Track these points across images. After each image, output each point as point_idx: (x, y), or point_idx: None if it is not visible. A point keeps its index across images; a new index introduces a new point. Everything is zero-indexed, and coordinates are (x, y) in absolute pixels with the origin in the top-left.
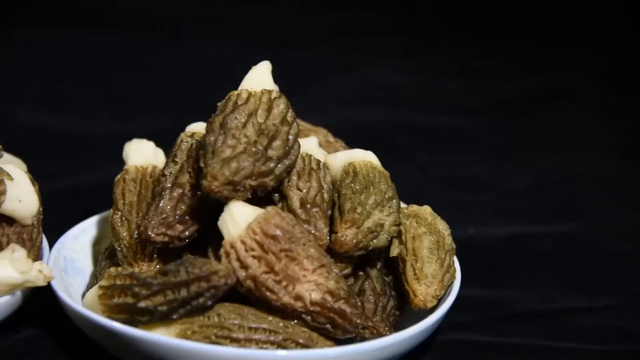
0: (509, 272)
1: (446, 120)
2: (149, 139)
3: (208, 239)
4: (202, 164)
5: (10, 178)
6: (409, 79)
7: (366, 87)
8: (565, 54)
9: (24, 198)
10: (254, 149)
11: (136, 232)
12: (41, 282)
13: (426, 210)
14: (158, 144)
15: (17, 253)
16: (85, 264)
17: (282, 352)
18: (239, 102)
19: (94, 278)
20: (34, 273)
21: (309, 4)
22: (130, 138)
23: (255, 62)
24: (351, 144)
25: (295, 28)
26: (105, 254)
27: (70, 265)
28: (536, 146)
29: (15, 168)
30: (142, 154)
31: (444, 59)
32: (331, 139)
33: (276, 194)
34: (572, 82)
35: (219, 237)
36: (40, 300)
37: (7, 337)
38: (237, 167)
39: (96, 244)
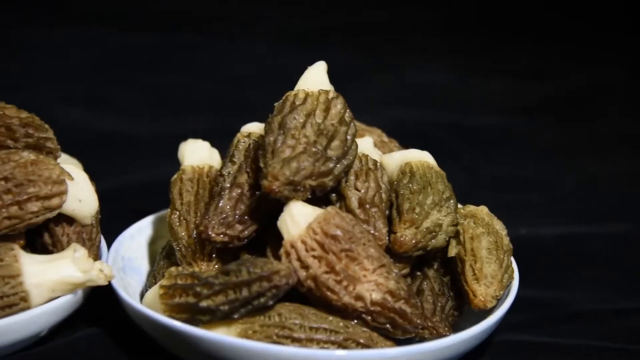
0: (563, 273)
1: (490, 121)
2: (194, 138)
3: (265, 238)
4: (261, 164)
5: (71, 178)
6: (450, 79)
7: (407, 87)
8: (608, 54)
9: (83, 198)
10: (313, 149)
11: (195, 231)
12: (102, 282)
13: (483, 210)
14: None
15: (79, 252)
16: (141, 264)
17: (344, 352)
18: (297, 103)
19: (153, 278)
20: (95, 272)
21: (347, 3)
22: (175, 138)
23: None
24: (405, 144)
25: (334, 27)
26: (162, 253)
27: (128, 264)
28: (581, 146)
29: (75, 168)
30: (197, 154)
31: (485, 59)
32: (385, 138)
33: (333, 194)
34: (615, 81)
35: (277, 236)
36: (98, 300)
37: (68, 335)
38: (297, 167)
39: (152, 243)
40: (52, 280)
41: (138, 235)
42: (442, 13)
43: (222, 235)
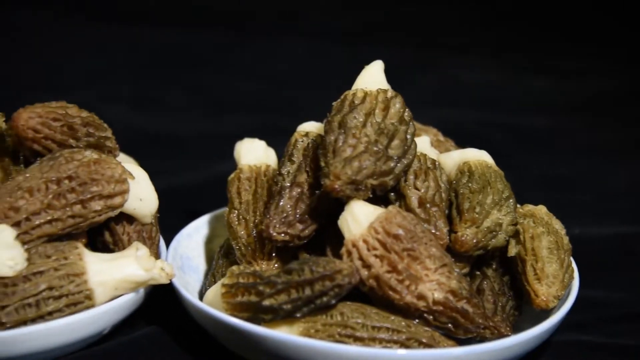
0: (618, 272)
1: (538, 120)
2: (239, 137)
3: (324, 237)
4: (322, 163)
5: (132, 177)
6: (496, 78)
7: (453, 86)
8: None
9: (144, 196)
10: (374, 149)
11: (254, 230)
12: (164, 280)
13: (542, 209)
14: None
15: (141, 251)
16: (199, 262)
17: (408, 352)
18: (356, 102)
19: (212, 276)
20: (156, 271)
21: (389, 1)
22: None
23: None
24: (463, 144)
25: (377, 24)
26: (220, 252)
27: (186, 263)
28: (629, 145)
29: (136, 167)
30: (254, 153)
31: (532, 58)
32: (441, 138)
33: (392, 194)
34: None
35: (336, 235)
36: (155, 298)
37: (128, 334)
38: (358, 166)
39: (208, 242)
40: (115, 279)
41: (195, 234)
42: (489, 11)
43: (283, 235)
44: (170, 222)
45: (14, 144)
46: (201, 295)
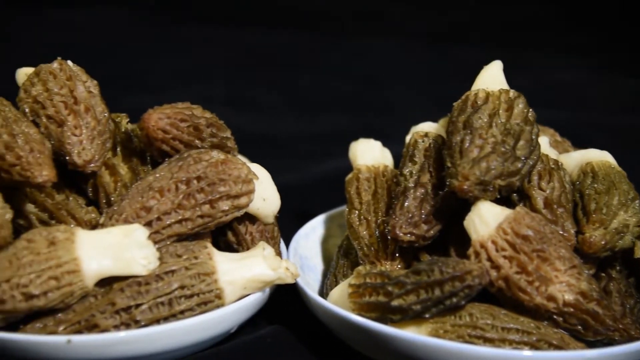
0: None
1: (636, 119)
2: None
3: (447, 238)
4: (448, 164)
5: (256, 177)
6: (590, 78)
7: (547, 86)
8: None
9: (267, 196)
10: (502, 149)
11: (377, 230)
12: (290, 280)
13: None
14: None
15: (267, 251)
16: (316, 262)
17: (541, 354)
18: (479, 102)
19: (333, 276)
20: (282, 270)
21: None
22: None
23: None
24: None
25: (463, 24)
26: (340, 252)
27: (305, 263)
28: None
29: (259, 167)
30: (371, 153)
31: (622, 57)
32: (559, 138)
33: (515, 195)
34: None
35: (459, 236)
36: (275, 297)
37: (252, 332)
38: (486, 167)
39: (324, 241)
40: (244, 278)
41: (312, 234)
42: (581, 9)
43: (409, 235)
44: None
45: (143, 144)
46: (321, 295)
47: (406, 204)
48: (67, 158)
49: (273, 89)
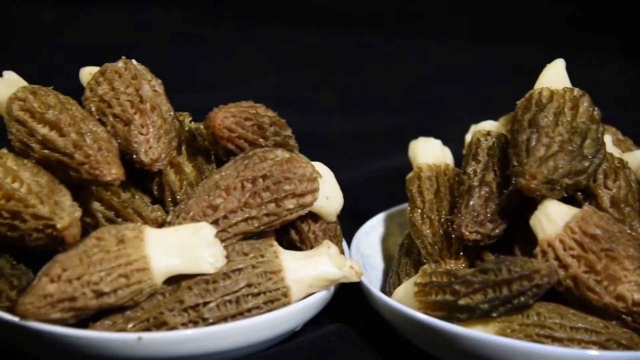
0: None
1: None
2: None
3: (511, 237)
4: (515, 163)
5: (320, 176)
6: (624, 77)
7: (591, 85)
8: None
9: (331, 195)
10: (569, 148)
11: (440, 229)
12: (355, 278)
13: None
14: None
15: (332, 249)
16: (377, 261)
17: (610, 354)
18: (543, 101)
19: (396, 275)
20: (347, 269)
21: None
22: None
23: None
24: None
25: (505, 23)
26: (401, 250)
27: (366, 261)
28: None
29: (322, 166)
30: (431, 152)
31: None
32: (621, 137)
33: (580, 193)
34: None
35: (524, 235)
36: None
37: (315, 331)
38: (554, 165)
39: (384, 240)
40: (310, 276)
41: (372, 233)
42: (622, 10)
43: (475, 234)
44: None
45: (208, 143)
46: (383, 293)
47: (471, 202)
48: (134, 157)
49: (320, 88)
